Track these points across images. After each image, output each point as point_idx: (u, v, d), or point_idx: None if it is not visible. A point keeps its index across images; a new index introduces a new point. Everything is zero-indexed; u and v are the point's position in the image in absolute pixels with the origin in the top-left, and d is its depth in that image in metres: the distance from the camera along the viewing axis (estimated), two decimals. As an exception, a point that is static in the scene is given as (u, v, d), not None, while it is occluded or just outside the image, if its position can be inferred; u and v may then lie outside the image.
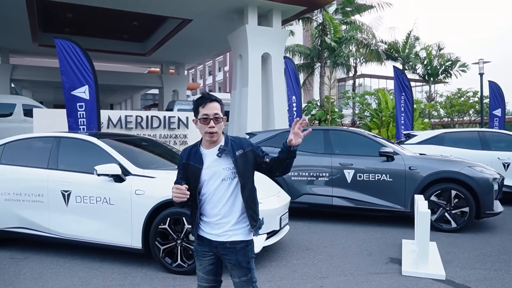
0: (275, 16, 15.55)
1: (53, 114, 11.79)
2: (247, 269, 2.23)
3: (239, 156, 2.20)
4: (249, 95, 14.88)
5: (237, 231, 2.22)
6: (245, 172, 2.22)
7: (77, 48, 7.31)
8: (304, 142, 6.91)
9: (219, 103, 2.24)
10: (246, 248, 2.24)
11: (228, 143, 2.24)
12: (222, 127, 2.24)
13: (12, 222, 4.80)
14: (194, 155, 2.25)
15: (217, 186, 2.20)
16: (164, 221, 4.14)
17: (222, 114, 2.23)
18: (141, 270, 4.22)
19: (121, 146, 4.89)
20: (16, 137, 5.34)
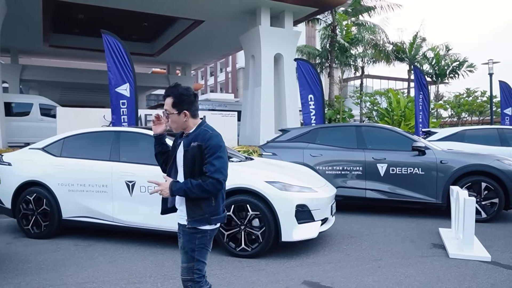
0: (287, 17, 15.89)
1: (75, 113, 12.08)
2: (190, 257, 2.32)
3: (191, 147, 2.30)
4: (262, 95, 15.22)
5: (184, 215, 2.36)
6: (190, 164, 2.30)
7: (121, 46, 7.59)
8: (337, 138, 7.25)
9: (172, 98, 2.35)
10: (193, 235, 2.32)
11: (192, 134, 2.37)
12: (177, 121, 2.35)
13: (76, 211, 5.08)
14: (179, 137, 2.46)
15: (179, 169, 2.39)
16: (229, 208, 4.42)
17: (178, 109, 2.32)
18: (206, 255, 4.51)
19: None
20: (74, 131, 5.60)
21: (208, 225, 2.33)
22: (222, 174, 2.28)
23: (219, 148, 2.31)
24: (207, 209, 2.31)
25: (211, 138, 2.31)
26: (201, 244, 2.33)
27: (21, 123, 15.12)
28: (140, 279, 3.79)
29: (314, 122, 10.96)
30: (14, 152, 5.84)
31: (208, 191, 2.25)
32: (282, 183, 4.44)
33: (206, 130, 2.35)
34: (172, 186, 2.27)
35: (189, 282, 2.33)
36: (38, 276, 3.89)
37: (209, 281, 3.66)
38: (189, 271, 2.32)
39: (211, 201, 2.32)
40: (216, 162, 2.26)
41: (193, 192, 2.24)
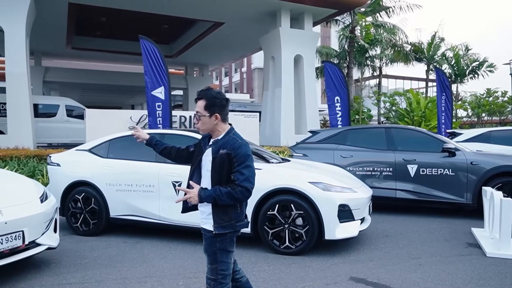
0: (307, 19, 16.06)
1: (103, 115, 12.41)
2: (213, 259, 2.42)
3: (220, 154, 2.36)
4: (282, 96, 15.42)
5: (209, 220, 2.43)
6: (219, 171, 2.36)
7: (157, 50, 7.84)
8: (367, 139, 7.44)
9: (205, 100, 2.41)
10: (214, 239, 2.41)
11: (220, 140, 2.42)
12: (207, 124, 2.42)
13: (123, 210, 5.34)
14: (206, 139, 2.55)
15: (205, 174, 2.46)
16: (273, 208, 4.63)
17: (209, 111, 2.39)
18: (250, 251, 4.72)
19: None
20: (120, 134, 5.87)
21: (233, 230, 2.42)
22: (251, 182, 2.36)
23: (248, 157, 2.38)
24: (233, 216, 2.40)
25: (240, 147, 2.36)
26: (221, 247, 2.41)
27: (48, 124, 15.56)
28: (195, 274, 4.02)
29: (340, 123, 11.12)
30: (61, 153, 6.13)
31: (237, 199, 2.33)
32: (324, 184, 4.63)
33: (235, 138, 2.40)
34: (201, 193, 2.33)
35: (212, 282, 2.43)
36: (98, 270, 4.14)
37: (260, 276, 3.91)
38: (213, 272, 2.42)
39: (237, 208, 2.41)
40: (245, 171, 2.33)
41: (222, 200, 2.31)
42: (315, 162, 6.06)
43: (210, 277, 2.44)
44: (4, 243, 3.51)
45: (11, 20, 11.82)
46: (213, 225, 2.38)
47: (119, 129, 11.90)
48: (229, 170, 2.34)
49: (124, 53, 23.01)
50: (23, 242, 3.70)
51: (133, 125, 12.18)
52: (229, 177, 2.35)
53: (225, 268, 2.43)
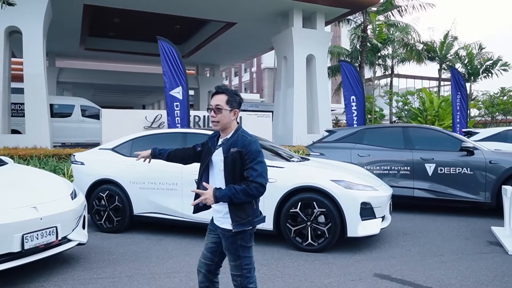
0: (319, 18, 16.08)
1: (119, 114, 12.60)
2: (236, 256, 2.44)
3: (231, 153, 2.36)
4: (295, 95, 15.46)
5: (226, 220, 2.42)
6: (231, 169, 2.37)
7: (175, 51, 7.95)
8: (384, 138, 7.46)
9: (227, 95, 2.43)
10: (234, 237, 2.42)
11: (230, 139, 2.43)
12: (227, 118, 2.42)
13: (146, 207, 5.45)
14: (213, 139, 2.55)
15: (217, 173, 2.45)
16: (295, 205, 4.70)
17: (230, 106, 2.41)
18: (273, 248, 4.80)
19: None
20: (143, 132, 5.98)
21: (251, 227, 2.44)
22: (264, 178, 2.37)
23: (259, 153, 2.39)
24: (250, 212, 2.41)
25: (250, 144, 2.37)
26: (243, 243, 2.44)
27: (63, 124, 15.78)
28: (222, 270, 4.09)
29: (356, 123, 11.15)
30: (85, 152, 6.26)
31: (252, 195, 2.33)
32: (346, 182, 4.69)
33: (244, 136, 2.42)
34: (216, 193, 2.32)
35: (238, 278, 2.46)
36: (126, 266, 4.24)
37: (285, 272, 3.99)
38: (238, 268, 2.45)
39: (253, 204, 2.43)
40: (257, 167, 2.35)
41: (238, 198, 2.31)
42: (334, 161, 6.12)
43: (235, 274, 2.47)
44: (39, 238, 3.63)
45: (29, 22, 12.04)
46: (231, 223, 2.38)
47: (134, 128, 12.11)
48: (242, 167, 2.36)
49: (137, 54, 23.25)
50: (56, 237, 3.81)
51: (148, 125, 12.35)
52: (242, 174, 2.36)
53: (249, 262, 2.47)
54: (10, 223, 3.43)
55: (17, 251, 3.47)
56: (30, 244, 3.55)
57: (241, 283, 2.47)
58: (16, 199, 3.74)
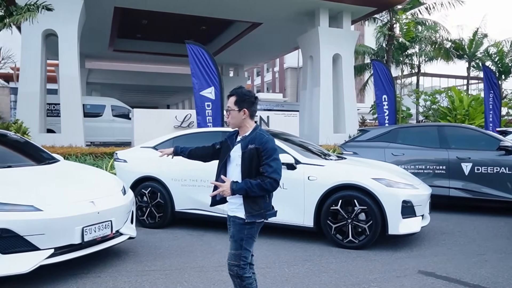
0: (345, 17, 16.03)
1: (150, 114, 12.89)
2: (238, 245, 2.57)
3: (248, 149, 2.53)
4: (321, 95, 15.46)
5: (240, 209, 2.57)
6: (248, 165, 2.53)
7: (205, 53, 8.12)
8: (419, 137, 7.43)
9: (236, 97, 2.62)
10: (243, 226, 2.56)
11: (248, 136, 2.59)
12: (236, 118, 2.61)
13: (188, 204, 5.62)
14: (232, 137, 2.72)
15: (233, 168, 2.63)
16: (336, 203, 4.78)
17: (239, 106, 2.59)
18: (313, 245, 4.89)
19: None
20: (183, 131, 6.16)
21: (263, 219, 2.59)
22: (279, 174, 2.53)
23: (274, 151, 2.55)
24: (263, 205, 2.57)
25: (267, 141, 2.53)
26: (249, 234, 2.58)
27: (94, 123, 16.21)
28: (267, 265, 4.22)
29: (387, 122, 11.11)
30: (127, 150, 6.49)
31: (266, 190, 2.50)
32: (387, 180, 4.75)
33: (262, 134, 2.57)
34: (233, 186, 2.49)
35: (235, 267, 2.58)
36: (174, 259, 4.41)
37: (330, 267, 4.07)
38: (236, 258, 2.57)
39: (266, 198, 2.59)
40: (273, 163, 2.50)
41: (253, 191, 2.47)
42: (371, 160, 6.15)
43: (233, 263, 2.59)
44: (97, 231, 3.83)
45: (64, 25, 12.45)
46: (245, 214, 2.54)
47: (165, 128, 12.38)
48: (258, 163, 2.51)
49: (163, 55, 23.64)
50: (111, 231, 4.01)
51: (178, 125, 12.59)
52: (257, 170, 2.51)
53: (247, 256, 2.60)
54: (72, 216, 3.63)
55: (77, 243, 3.67)
56: (89, 237, 3.75)
57: (237, 273, 2.58)
58: (75, 193, 3.95)
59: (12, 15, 9.74)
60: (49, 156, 5.01)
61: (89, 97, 19.52)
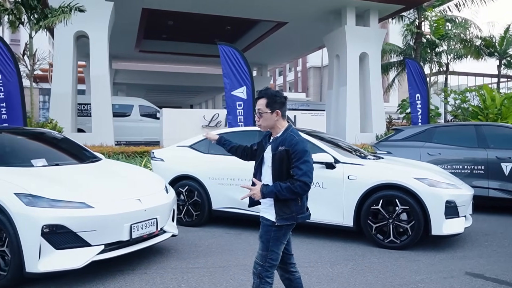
0: (372, 16, 15.84)
1: (178, 113, 13.07)
2: (266, 246, 2.55)
3: (278, 151, 2.50)
4: (348, 94, 15.32)
5: (270, 210, 2.56)
6: (278, 167, 2.51)
7: (237, 53, 8.17)
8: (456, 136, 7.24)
9: (266, 98, 2.58)
10: (270, 228, 2.54)
11: (279, 138, 2.56)
12: (268, 120, 2.58)
13: (225, 203, 5.66)
14: (266, 137, 2.72)
15: (266, 169, 2.62)
16: (377, 202, 4.73)
17: (270, 108, 2.55)
18: (353, 244, 4.86)
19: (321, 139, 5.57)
20: (220, 130, 6.22)
21: (295, 222, 2.54)
22: (309, 177, 2.46)
23: (305, 153, 2.48)
24: (294, 208, 2.51)
25: (297, 143, 2.47)
26: (275, 237, 2.54)
27: (122, 123, 16.48)
28: (309, 264, 4.22)
29: (420, 121, 10.93)
30: (163, 149, 6.59)
31: (296, 193, 2.44)
32: (430, 180, 4.67)
33: (292, 135, 2.52)
34: (263, 190, 2.48)
35: (260, 267, 2.56)
36: (216, 257, 4.45)
37: (374, 267, 4.03)
38: (262, 258, 2.56)
39: (298, 201, 2.52)
40: (303, 166, 2.44)
41: (282, 195, 2.43)
42: (408, 159, 6.06)
43: (258, 263, 2.58)
44: (143, 228, 3.90)
45: (95, 27, 12.71)
46: (275, 217, 2.50)
47: (193, 127, 12.55)
48: (288, 165, 2.47)
49: (188, 55, 23.88)
50: (156, 228, 4.08)
51: (206, 124, 12.71)
52: (288, 172, 2.47)
53: (275, 258, 2.55)
54: (121, 213, 3.71)
55: (126, 239, 3.75)
56: (136, 234, 3.82)
57: (260, 273, 2.55)
58: (122, 191, 4.03)
59: (47, 18, 10.01)
60: (91, 154, 5.13)
61: (117, 97, 19.88)
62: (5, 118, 6.82)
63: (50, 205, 3.41)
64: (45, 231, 3.34)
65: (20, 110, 6.99)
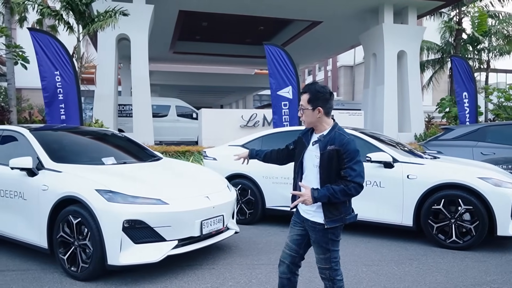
0: (411, 13, 15.58)
1: (217, 114, 13.26)
2: (325, 249, 2.46)
3: (328, 151, 2.37)
4: (385, 93, 15.12)
5: (318, 213, 2.44)
6: (327, 167, 2.38)
7: (283, 53, 8.22)
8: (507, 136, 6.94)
9: (309, 94, 2.46)
10: (325, 231, 2.43)
11: (327, 136, 2.43)
12: (310, 117, 2.45)
13: (278, 201, 5.73)
14: (307, 134, 2.57)
15: (310, 169, 2.48)
16: (438, 202, 4.68)
17: (312, 105, 2.43)
18: (413, 244, 4.82)
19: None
20: (270, 130, 6.28)
21: (342, 223, 2.45)
22: (362, 178, 2.36)
23: (357, 153, 2.38)
24: (343, 209, 2.43)
25: (349, 143, 2.36)
26: (333, 237, 2.46)
27: (160, 123, 16.83)
28: (373, 262, 4.22)
29: (468, 120, 10.69)
30: (215, 149, 6.72)
31: (350, 195, 2.35)
32: (495, 179, 4.58)
33: (342, 134, 2.40)
34: (314, 194, 2.35)
35: (327, 271, 2.49)
36: (277, 254, 4.38)
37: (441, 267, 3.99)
38: (327, 261, 2.48)
39: (346, 202, 2.44)
40: (356, 166, 2.34)
41: (336, 198, 2.33)
42: (465, 159, 5.96)
43: (324, 267, 2.50)
44: (212, 225, 4.01)
45: (137, 30, 13.05)
46: (324, 219, 2.42)
47: (231, 127, 12.71)
48: (337, 166, 2.36)
49: (221, 56, 24.12)
50: (223, 225, 4.18)
51: (244, 124, 12.84)
52: (338, 173, 2.36)
53: (337, 256, 2.50)
54: (193, 210, 3.83)
55: (197, 235, 3.86)
56: (206, 230, 3.93)
57: (330, 275, 2.49)
58: (191, 188, 4.16)
59: (93, 22, 10.36)
60: (152, 153, 5.30)
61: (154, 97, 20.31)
62: (63, 119, 7.14)
63: (130, 201, 3.56)
64: (126, 226, 3.49)
65: (77, 111, 7.30)
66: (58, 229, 3.78)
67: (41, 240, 3.94)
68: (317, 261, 2.53)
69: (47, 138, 4.58)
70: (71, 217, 3.69)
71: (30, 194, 4.03)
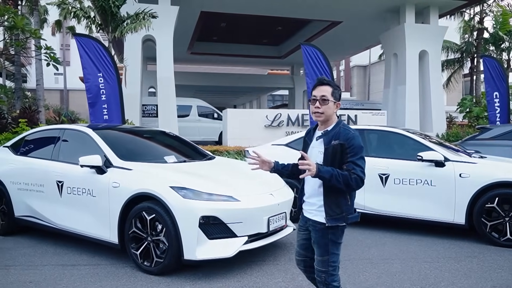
0: (432, 12, 15.58)
1: (241, 114, 13.36)
2: (324, 250, 2.39)
3: (332, 145, 2.32)
4: (407, 93, 15.14)
5: (320, 212, 2.39)
6: (331, 163, 2.32)
7: (319, 53, 8.33)
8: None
9: (331, 87, 2.42)
10: (325, 231, 2.38)
11: (332, 131, 2.39)
12: (331, 109, 2.40)
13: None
14: (310, 133, 2.54)
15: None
16: (492, 201, 4.74)
17: (334, 98, 2.41)
18: (466, 243, 4.89)
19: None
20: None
21: (345, 223, 2.39)
22: (364, 174, 2.32)
23: (361, 148, 2.35)
24: (344, 208, 2.37)
25: (354, 138, 2.34)
26: (333, 239, 2.40)
27: (182, 123, 17.01)
28: (432, 259, 4.30)
29: (498, 120, 10.70)
30: (257, 148, 6.82)
31: (350, 185, 2.28)
32: (550, 178, 4.63)
33: (347, 129, 2.38)
34: (320, 167, 2.26)
35: (323, 274, 2.42)
36: (334, 251, 4.60)
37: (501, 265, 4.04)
38: (324, 264, 2.41)
39: (347, 200, 2.39)
40: (359, 162, 2.31)
41: (337, 180, 2.25)
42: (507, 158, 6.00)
43: (320, 269, 2.43)
44: (277, 221, 4.11)
45: (162, 31, 13.21)
46: (325, 217, 2.37)
47: (256, 127, 12.81)
48: (340, 160, 2.33)
49: (238, 56, 24.26)
50: (285, 222, 4.29)
51: (269, 124, 12.93)
52: (340, 168, 2.32)
53: (336, 260, 2.43)
54: (262, 207, 3.94)
55: (264, 231, 3.97)
56: (272, 226, 4.04)
57: (325, 280, 2.42)
58: (255, 186, 4.26)
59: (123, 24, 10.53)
60: (203, 151, 5.42)
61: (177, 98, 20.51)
62: (106, 119, 7.30)
63: (205, 198, 3.68)
64: (201, 222, 3.61)
65: (119, 111, 7.45)
66: (130, 225, 3.90)
67: (112, 236, 4.07)
68: (315, 263, 2.49)
69: (110, 137, 4.71)
70: (144, 213, 3.81)
71: (99, 191, 4.17)
